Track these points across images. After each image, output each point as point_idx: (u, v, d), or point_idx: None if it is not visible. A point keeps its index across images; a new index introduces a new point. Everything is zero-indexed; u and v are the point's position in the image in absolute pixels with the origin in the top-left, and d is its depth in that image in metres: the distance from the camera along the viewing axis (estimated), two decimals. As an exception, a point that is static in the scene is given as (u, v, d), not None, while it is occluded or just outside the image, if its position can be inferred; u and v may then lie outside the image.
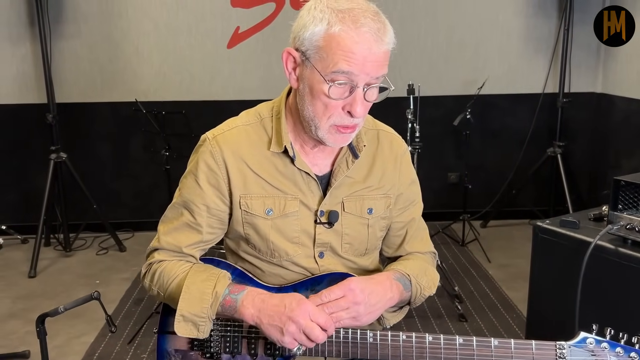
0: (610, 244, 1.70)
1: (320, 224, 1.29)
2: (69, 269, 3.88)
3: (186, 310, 1.21)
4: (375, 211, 1.33)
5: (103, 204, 4.21)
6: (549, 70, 4.40)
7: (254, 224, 1.28)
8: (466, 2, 4.32)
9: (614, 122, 4.27)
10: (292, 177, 1.27)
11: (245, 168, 1.26)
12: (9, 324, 3.14)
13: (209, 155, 1.27)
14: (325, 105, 1.16)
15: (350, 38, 1.09)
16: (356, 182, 1.32)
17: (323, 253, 1.31)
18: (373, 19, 1.11)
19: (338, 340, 1.20)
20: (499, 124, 4.52)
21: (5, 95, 4.23)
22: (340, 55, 1.10)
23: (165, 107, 3.83)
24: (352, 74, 1.11)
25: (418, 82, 3.45)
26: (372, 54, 1.10)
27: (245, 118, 1.32)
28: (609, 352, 1.11)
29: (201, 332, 1.22)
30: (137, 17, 4.22)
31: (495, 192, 4.47)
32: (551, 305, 1.93)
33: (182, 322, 1.21)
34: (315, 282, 1.28)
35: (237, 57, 4.32)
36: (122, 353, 2.83)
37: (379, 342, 1.19)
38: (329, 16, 1.11)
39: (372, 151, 1.34)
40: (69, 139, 4.20)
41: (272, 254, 1.29)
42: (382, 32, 1.11)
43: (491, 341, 1.15)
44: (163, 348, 1.31)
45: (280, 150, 1.26)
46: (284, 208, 1.27)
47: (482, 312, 3.17)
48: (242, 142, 1.27)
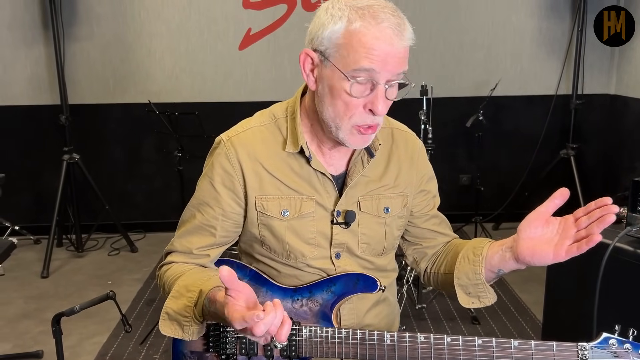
0: (629, 245, 1.68)
1: (336, 224, 1.28)
2: (81, 270, 3.90)
3: (170, 308, 1.18)
4: (392, 210, 1.32)
5: (115, 205, 4.23)
6: (562, 71, 4.38)
7: (270, 226, 1.27)
8: (479, 4, 4.31)
9: (628, 124, 4.23)
10: (307, 177, 1.26)
11: (260, 169, 1.25)
12: (22, 323, 3.16)
13: (224, 158, 1.26)
14: (346, 105, 1.14)
15: (371, 34, 1.08)
16: (372, 181, 1.30)
17: (339, 254, 1.30)
18: (393, 15, 1.10)
19: (355, 341, 1.18)
20: (512, 126, 4.50)
21: (19, 96, 4.27)
22: (362, 52, 1.09)
23: (178, 108, 3.84)
24: (373, 71, 1.10)
25: (430, 84, 3.44)
26: (394, 49, 1.09)
27: (259, 119, 1.31)
28: (632, 353, 1.08)
29: (186, 333, 1.17)
30: (149, 19, 4.24)
31: (507, 194, 4.45)
32: (568, 308, 1.91)
33: (166, 320, 1.18)
34: (331, 283, 1.27)
35: (248, 59, 4.33)
36: (134, 353, 2.84)
37: (396, 344, 1.17)
38: (348, 13, 1.10)
39: (387, 150, 1.33)
40: (82, 140, 4.23)
41: (287, 255, 1.28)
42: (402, 28, 1.10)
43: (511, 342, 1.12)
44: (178, 349, 1.30)
45: (296, 151, 1.25)
46: (300, 209, 1.26)
47: (495, 315, 3.15)
48: (257, 143, 1.26)
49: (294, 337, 1.22)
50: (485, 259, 1.25)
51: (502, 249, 1.22)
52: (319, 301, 1.25)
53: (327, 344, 1.19)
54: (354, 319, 1.32)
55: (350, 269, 1.30)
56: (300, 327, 1.21)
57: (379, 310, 1.37)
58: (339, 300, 1.26)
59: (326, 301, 1.25)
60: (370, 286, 1.26)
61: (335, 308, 1.26)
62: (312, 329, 1.21)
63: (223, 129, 1.32)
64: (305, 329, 1.21)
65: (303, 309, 1.25)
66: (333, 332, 1.19)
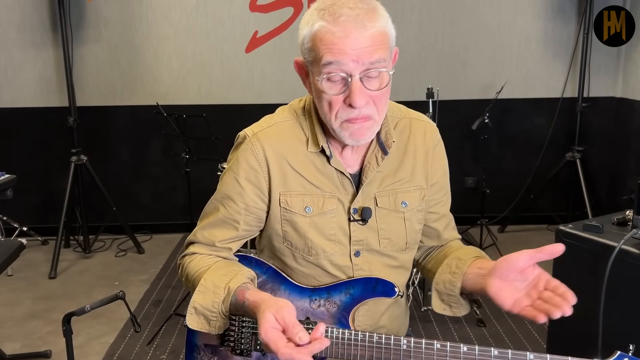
0: (635, 248, 1.68)
1: (353, 221, 1.28)
2: (89, 271, 3.93)
3: (198, 302, 1.20)
4: (410, 204, 1.31)
5: (122, 206, 4.26)
6: (567, 74, 4.38)
7: (293, 222, 1.27)
8: (484, 7, 4.32)
9: (634, 127, 4.22)
10: (330, 175, 1.27)
11: (286, 165, 1.27)
12: (30, 324, 3.18)
13: (250, 153, 1.27)
14: (328, 103, 1.17)
15: (328, 31, 1.11)
16: (387, 176, 1.30)
17: (359, 252, 1.30)
18: (352, 7, 1.11)
19: (372, 344, 1.17)
20: (518, 129, 4.50)
21: (27, 98, 4.30)
22: (323, 48, 1.12)
23: (184, 110, 3.87)
24: (340, 64, 1.11)
25: (436, 86, 3.45)
26: (353, 39, 1.10)
27: (282, 115, 1.32)
28: None
29: (213, 327, 1.20)
30: (157, 22, 4.27)
31: (513, 197, 4.45)
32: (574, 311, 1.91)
33: (194, 314, 1.21)
34: (350, 286, 1.27)
35: (255, 61, 4.35)
36: (142, 354, 2.86)
37: (412, 350, 1.15)
38: (312, 17, 1.14)
39: (403, 141, 1.32)
40: (90, 142, 4.26)
41: (309, 252, 1.28)
42: (362, 17, 1.10)
43: (527, 355, 1.10)
44: (192, 342, 1.30)
45: (317, 150, 1.26)
46: (323, 206, 1.27)
47: (501, 318, 3.15)
48: (282, 139, 1.28)
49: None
50: (464, 275, 1.27)
51: (478, 274, 1.24)
52: (336, 303, 1.26)
53: (342, 346, 1.19)
54: (369, 321, 1.32)
55: (368, 269, 1.30)
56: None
57: (392, 312, 1.38)
58: (356, 303, 1.26)
59: (344, 303, 1.26)
60: (388, 291, 1.26)
61: (352, 311, 1.26)
62: (328, 330, 1.21)
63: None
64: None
65: (320, 309, 1.25)
66: (350, 334, 1.19)
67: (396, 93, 5.02)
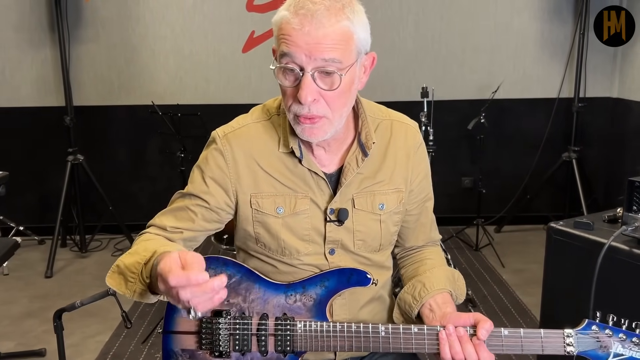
0: (624, 245, 1.69)
1: (330, 221, 1.29)
2: (85, 270, 3.93)
3: (122, 261, 1.18)
4: (387, 206, 1.32)
5: (119, 206, 4.26)
6: (564, 74, 4.38)
7: (265, 223, 1.28)
8: (481, 7, 4.32)
9: (631, 127, 4.23)
10: (302, 175, 1.28)
11: (256, 167, 1.27)
12: (26, 322, 3.19)
13: (219, 154, 1.27)
14: (284, 94, 1.18)
15: (287, 22, 1.11)
16: (366, 178, 1.30)
17: (334, 250, 1.31)
18: (315, 3, 1.10)
19: (350, 334, 1.20)
20: (514, 129, 4.50)
21: (25, 98, 4.31)
22: (281, 38, 1.12)
23: (181, 110, 3.87)
24: (293, 56, 1.11)
25: (432, 86, 3.46)
26: (305, 34, 1.09)
27: (255, 115, 1.33)
28: (613, 337, 1.15)
29: (129, 290, 1.14)
30: (154, 22, 4.28)
31: (509, 197, 4.45)
32: (564, 306, 1.91)
33: (115, 272, 1.18)
34: (325, 278, 1.28)
35: (252, 61, 4.36)
36: (136, 352, 2.86)
37: (390, 335, 1.19)
38: (283, 6, 1.15)
39: (384, 143, 1.32)
40: (86, 141, 4.27)
41: (282, 252, 1.29)
42: (320, 14, 1.09)
43: (501, 330, 1.17)
44: (169, 348, 1.29)
45: (288, 151, 1.26)
46: (295, 206, 1.27)
47: (496, 317, 3.15)
48: (253, 140, 1.28)
49: (288, 332, 1.23)
50: (422, 305, 1.30)
51: (430, 311, 1.27)
52: (312, 296, 1.26)
53: (322, 338, 1.21)
54: (347, 314, 1.33)
55: (345, 265, 1.31)
56: (295, 322, 1.23)
57: (373, 307, 1.38)
58: (332, 295, 1.27)
59: (320, 296, 1.26)
60: (362, 280, 1.27)
61: (329, 303, 1.27)
62: (306, 324, 1.22)
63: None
64: (300, 323, 1.23)
65: (297, 304, 1.26)
66: (328, 326, 1.21)
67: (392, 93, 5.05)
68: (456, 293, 1.35)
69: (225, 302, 1.25)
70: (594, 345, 1.15)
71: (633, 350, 1.13)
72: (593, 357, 1.15)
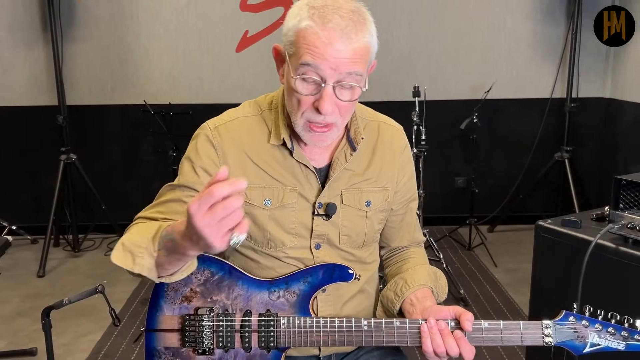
0: (611, 242, 1.70)
1: (317, 215, 1.30)
2: (78, 269, 3.93)
3: (127, 239, 1.16)
4: (374, 204, 1.35)
5: (112, 205, 4.25)
6: (557, 75, 4.40)
7: (252, 214, 1.29)
8: (474, 7, 4.34)
9: (623, 127, 4.25)
10: (291, 169, 1.29)
11: (245, 159, 1.28)
12: (18, 321, 3.18)
13: (210, 145, 1.28)
14: (298, 101, 1.18)
15: (314, 33, 1.11)
16: (355, 175, 1.33)
17: (319, 244, 1.32)
18: (343, 17, 1.11)
19: (333, 329, 1.21)
20: (507, 129, 4.52)
21: (17, 97, 4.30)
22: (305, 48, 1.12)
23: (175, 109, 3.88)
24: (317, 68, 1.12)
25: (426, 86, 3.47)
26: (335, 49, 1.11)
27: (246, 109, 1.34)
28: (590, 328, 1.17)
29: (137, 265, 1.11)
30: (147, 21, 4.28)
31: (502, 197, 4.46)
32: (552, 303, 1.92)
33: (120, 250, 1.15)
34: (307, 274, 1.28)
35: (245, 61, 4.36)
36: (128, 352, 2.86)
37: (373, 329, 1.20)
38: (302, 12, 1.14)
39: (372, 143, 1.35)
40: (79, 141, 4.26)
41: (268, 244, 1.30)
42: (349, 30, 1.11)
43: (482, 323, 1.18)
44: (152, 346, 1.27)
45: (279, 143, 1.28)
46: (282, 199, 1.28)
47: (488, 316, 3.16)
48: (243, 133, 1.29)
49: (272, 328, 1.23)
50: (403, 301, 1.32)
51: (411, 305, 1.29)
52: (296, 292, 1.27)
53: (305, 334, 1.22)
54: (331, 309, 1.34)
55: (329, 260, 1.32)
56: (278, 318, 1.23)
57: (358, 302, 1.39)
58: (315, 291, 1.27)
59: (303, 292, 1.27)
60: (345, 276, 1.28)
61: (311, 299, 1.27)
62: (290, 320, 1.23)
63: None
64: (284, 319, 1.23)
65: (280, 300, 1.26)
66: (311, 321, 1.22)
67: (386, 93, 5.06)
68: (437, 290, 1.36)
69: (208, 299, 1.25)
70: (571, 335, 1.17)
71: (609, 340, 1.16)
72: (570, 348, 1.18)
